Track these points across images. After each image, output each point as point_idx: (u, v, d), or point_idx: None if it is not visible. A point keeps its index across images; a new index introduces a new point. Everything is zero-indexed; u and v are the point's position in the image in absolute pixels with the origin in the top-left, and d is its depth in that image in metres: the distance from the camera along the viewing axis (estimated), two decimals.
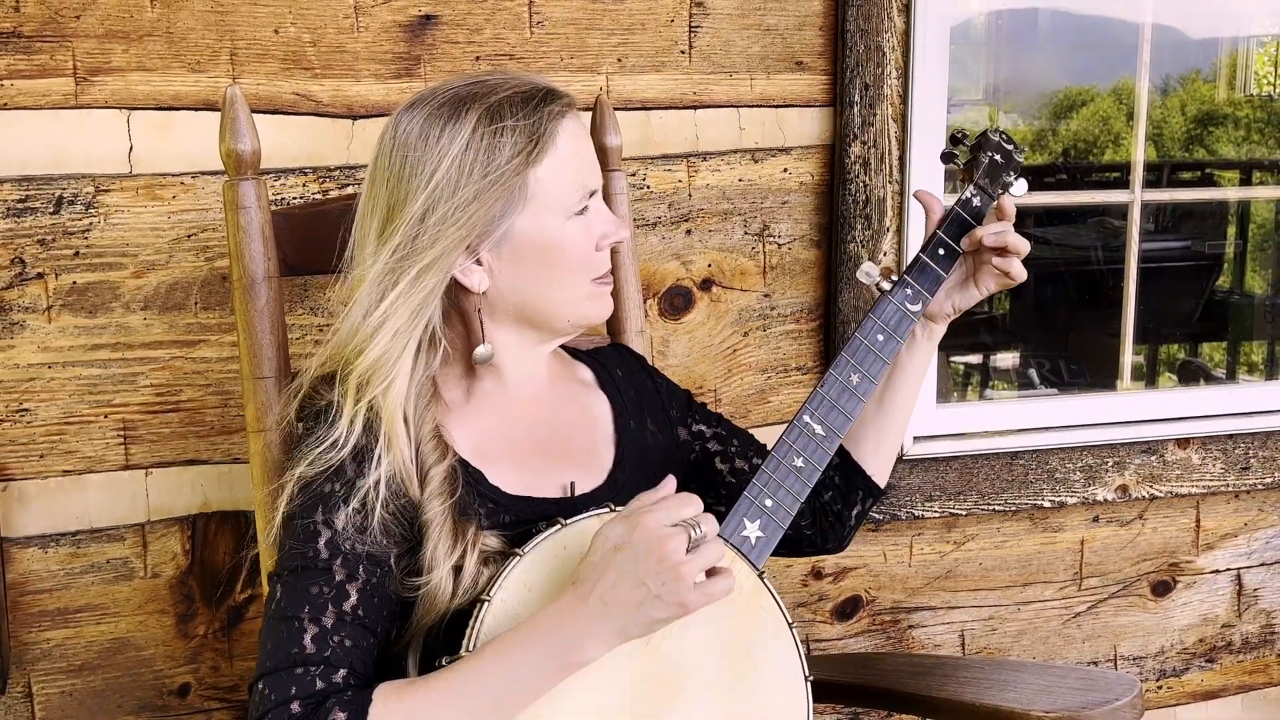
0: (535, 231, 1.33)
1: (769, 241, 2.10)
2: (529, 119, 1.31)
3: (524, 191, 1.31)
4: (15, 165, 1.75)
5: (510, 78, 1.35)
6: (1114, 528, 2.38)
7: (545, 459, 1.41)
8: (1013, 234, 1.47)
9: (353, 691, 1.20)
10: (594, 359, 1.55)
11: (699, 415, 1.59)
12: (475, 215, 1.30)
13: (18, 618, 1.84)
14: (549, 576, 1.27)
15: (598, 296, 1.39)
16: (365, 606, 1.26)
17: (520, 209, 1.32)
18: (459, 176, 1.29)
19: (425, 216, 1.29)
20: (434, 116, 1.32)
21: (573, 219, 1.34)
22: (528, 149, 1.30)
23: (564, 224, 1.34)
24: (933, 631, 2.32)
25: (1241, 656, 2.52)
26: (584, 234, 1.36)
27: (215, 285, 1.84)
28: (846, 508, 1.59)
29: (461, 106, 1.31)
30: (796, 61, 2.05)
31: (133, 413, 1.84)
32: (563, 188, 1.33)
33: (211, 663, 1.93)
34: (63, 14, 1.73)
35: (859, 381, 1.45)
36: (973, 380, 4.36)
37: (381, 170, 1.33)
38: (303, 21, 1.82)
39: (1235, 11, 4.98)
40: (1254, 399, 2.47)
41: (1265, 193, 4.46)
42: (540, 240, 1.33)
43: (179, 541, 1.89)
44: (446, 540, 1.29)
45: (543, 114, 1.32)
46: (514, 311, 1.37)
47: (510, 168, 1.30)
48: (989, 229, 1.47)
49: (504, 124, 1.30)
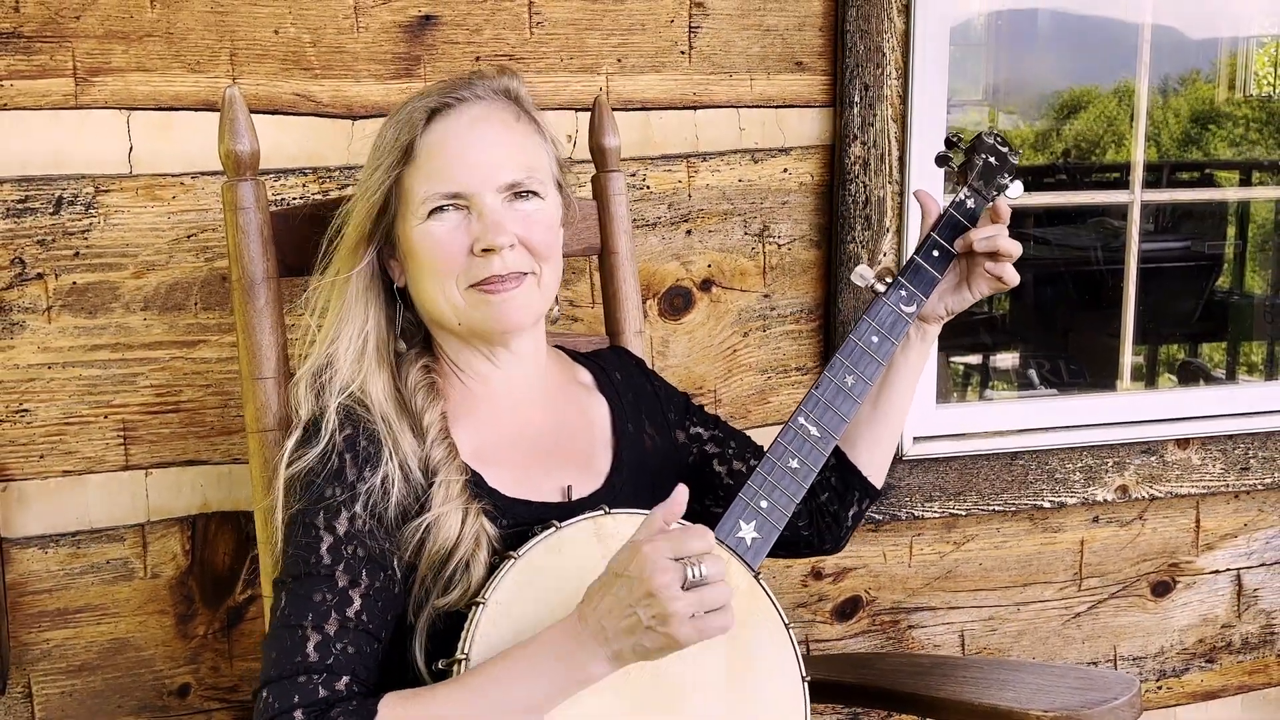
0: (402, 233, 1.38)
1: (769, 242, 2.10)
2: (404, 123, 1.36)
3: (395, 193, 1.37)
4: (15, 165, 1.75)
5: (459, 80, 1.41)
6: (1114, 528, 2.38)
7: (543, 462, 1.41)
8: (1004, 238, 1.46)
9: (357, 701, 1.20)
10: (593, 361, 1.56)
11: (697, 418, 1.59)
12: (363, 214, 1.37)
13: (18, 618, 1.84)
14: (543, 579, 1.28)
15: (482, 304, 1.36)
16: (369, 612, 1.26)
17: (396, 212, 1.38)
18: (363, 178, 1.39)
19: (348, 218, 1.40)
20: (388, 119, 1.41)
21: (430, 221, 1.35)
22: (394, 153, 1.36)
23: (420, 225, 1.35)
24: (932, 632, 2.32)
25: (1241, 657, 2.52)
26: (445, 236, 1.35)
27: (215, 285, 1.84)
28: (843, 509, 1.59)
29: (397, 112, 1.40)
30: (796, 62, 2.05)
31: (133, 413, 1.84)
32: (417, 191, 1.35)
33: (211, 663, 1.93)
34: (63, 14, 1.73)
35: (854, 383, 1.45)
36: (972, 380, 4.36)
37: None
38: (302, 22, 1.82)
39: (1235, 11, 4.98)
40: (1254, 399, 2.47)
41: (1265, 193, 4.46)
42: (406, 242, 1.38)
43: (179, 542, 1.89)
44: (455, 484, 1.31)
45: (413, 118, 1.36)
46: (422, 311, 1.42)
47: (381, 171, 1.37)
48: (980, 233, 1.47)
49: (388, 131, 1.38)
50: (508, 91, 1.40)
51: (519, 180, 1.36)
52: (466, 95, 1.37)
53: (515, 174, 1.36)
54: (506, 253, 1.34)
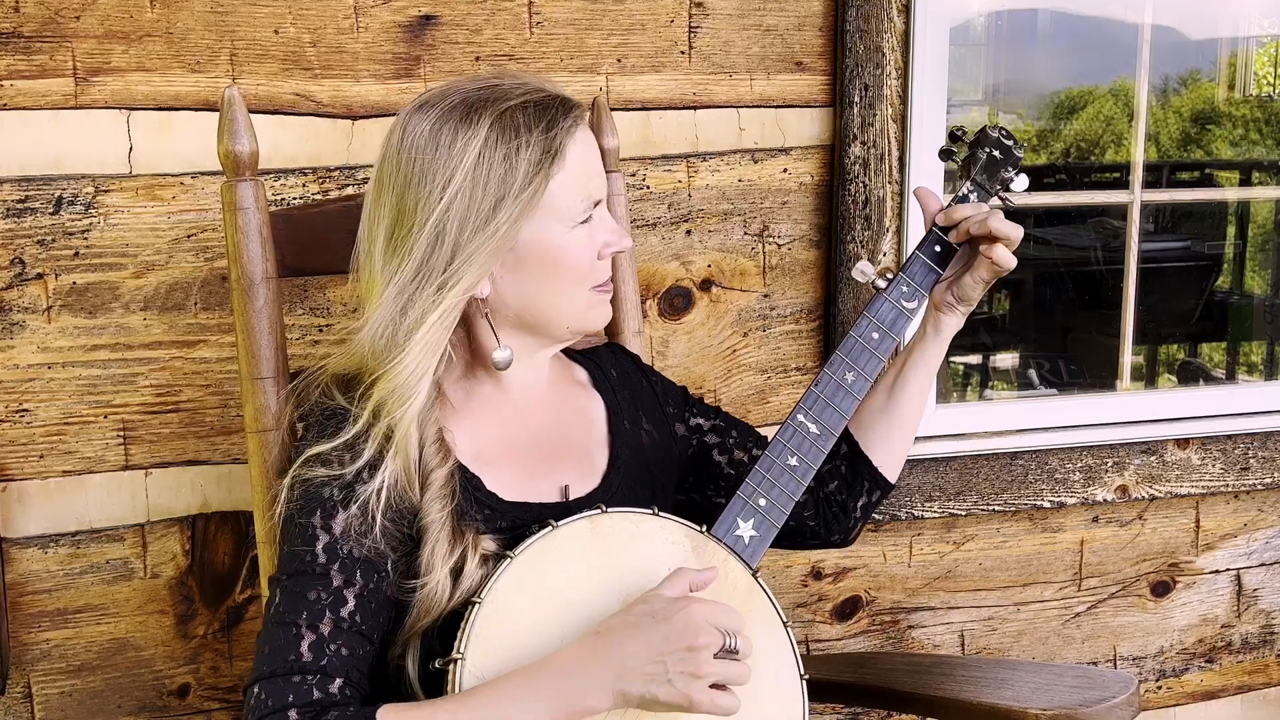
0: (539, 240, 1.33)
1: (769, 242, 2.10)
2: (545, 132, 1.30)
3: (536, 203, 1.31)
4: (15, 165, 1.75)
5: (520, 83, 1.34)
6: (1113, 528, 2.38)
7: (542, 462, 1.41)
8: (996, 219, 1.44)
9: (354, 707, 1.20)
10: (589, 359, 1.55)
11: (696, 409, 1.59)
12: (500, 233, 1.29)
13: (17, 618, 1.84)
14: (539, 579, 1.28)
15: (598, 304, 1.39)
16: (363, 612, 1.26)
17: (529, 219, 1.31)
18: (474, 189, 1.28)
19: (443, 228, 1.28)
20: (443, 121, 1.30)
21: (576, 228, 1.34)
22: (543, 163, 1.30)
23: (567, 233, 1.34)
24: (932, 632, 2.32)
25: (1241, 657, 2.52)
26: (587, 243, 1.35)
27: (215, 285, 1.84)
28: (852, 498, 1.58)
29: (473, 113, 1.30)
30: (796, 62, 2.05)
31: (132, 413, 1.84)
32: (570, 199, 1.33)
33: (211, 663, 1.93)
34: (63, 14, 1.73)
35: (854, 380, 1.45)
36: (972, 380, 4.36)
37: (389, 174, 1.32)
38: (302, 22, 1.82)
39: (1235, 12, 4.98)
40: (1253, 399, 2.47)
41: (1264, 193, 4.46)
42: (544, 249, 1.33)
43: (179, 542, 1.89)
44: (445, 543, 1.29)
45: (558, 127, 1.31)
46: (514, 317, 1.37)
47: (527, 182, 1.29)
48: (972, 217, 1.45)
49: (519, 135, 1.29)
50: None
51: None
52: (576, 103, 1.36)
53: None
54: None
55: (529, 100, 1.31)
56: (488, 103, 1.31)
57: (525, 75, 1.37)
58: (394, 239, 1.31)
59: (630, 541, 1.33)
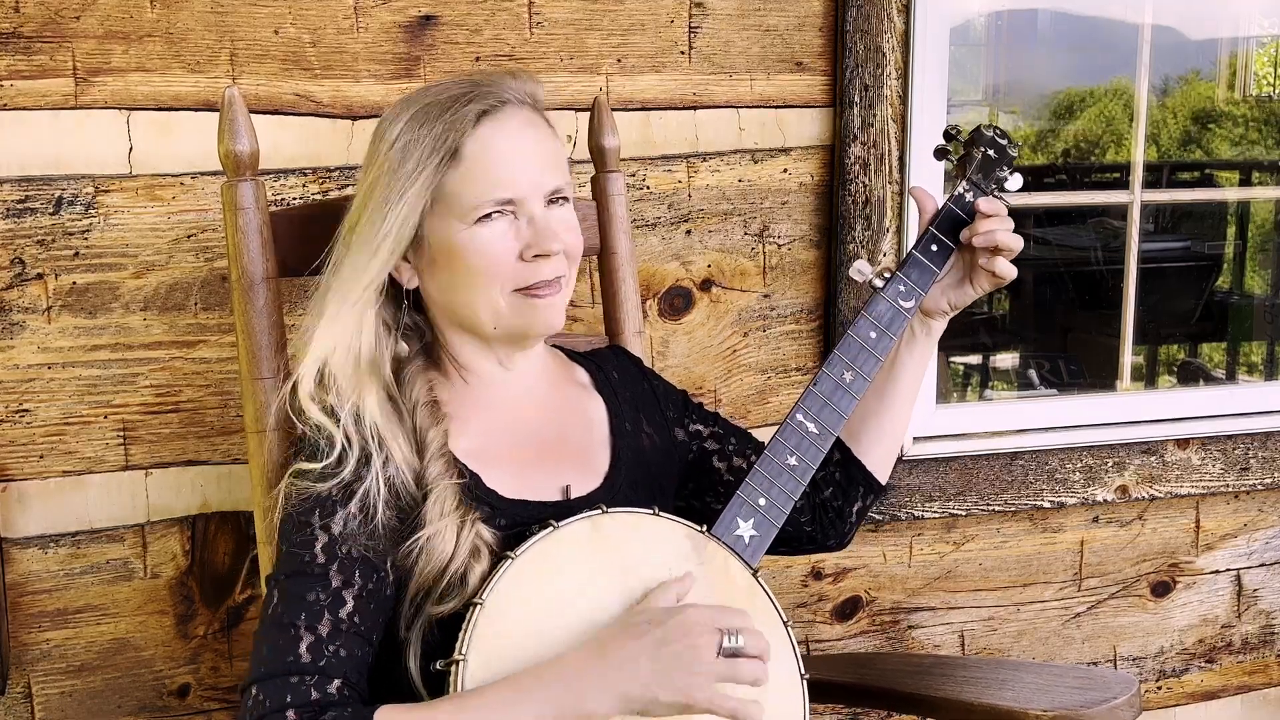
0: (440, 236, 1.34)
1: (769, 242, 2.10)
2: (442, 123, 1.32)
3: (432, 196, 1.33)
4: (15, 165, 1.75)
5: (466, 79, 1.37)
6: (1114, 528, 2.38)
7: (542, 462, 1.41)
8: (1004, 233, 1.45)
9: (353, 708, 1.20)
10: (590, 360, 1.55)
11: (696, 415, 1.59)
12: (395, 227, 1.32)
13: (17, 618, 1.84)
14: (541, 579, 1.28)
15: (525, 309, 1.36)
16: (361, 614, 1.25)
17: (430, 212, 1.33)
18: (381, 179, 1.33)
19: (358, 220, 1.35)
20: (389, 118, 1.36)
21: (478, 226, 1.33)
22: (433, 155, 1.32)
23: (466, 230, 1.33)
24: (932, 632, 2.32)
25: (1241, 657, 2.52)
26: (496, 241, 1.34)
27: (215, 286, 1.84)
28: (847, 503, 1.59)
29: (404, 108, 1.36)
30: (796, 62, 2.05)
31: (132, 413, 1.84)
32: (466, 195, 1.32)
33: (211, 663, 1.93)
34: (63, 14, 1.73)
35: (852, 379, 1.45)
36: (972, 381, 4.36)
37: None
38: (302, 22, 1.82)
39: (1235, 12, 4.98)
40: (1253, 399, 2.47)
41: (1264, 193, 4.46)
42: (445, 246, 1.35)
43: (179, 542, 1.89)
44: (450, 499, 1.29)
45: (457, 118, 1.32)
46: (445, 314, 1.39)
47: (417, 173, 1.32)
48: (981, 226, 1.45)
49: (420, 129, 1.33)
50: (534, 96, 1.39)
51: (560, 186, 1.37)
52: (508, 97, 1.35)
53: (557, 180, 1.37)
54: (555, 258, 1.35)
55: (453, 95, 1.34)
56: (420, 97, 1.36)
57: (496, 72, 1.41)
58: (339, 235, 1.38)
59: (631, 542, 1.33)
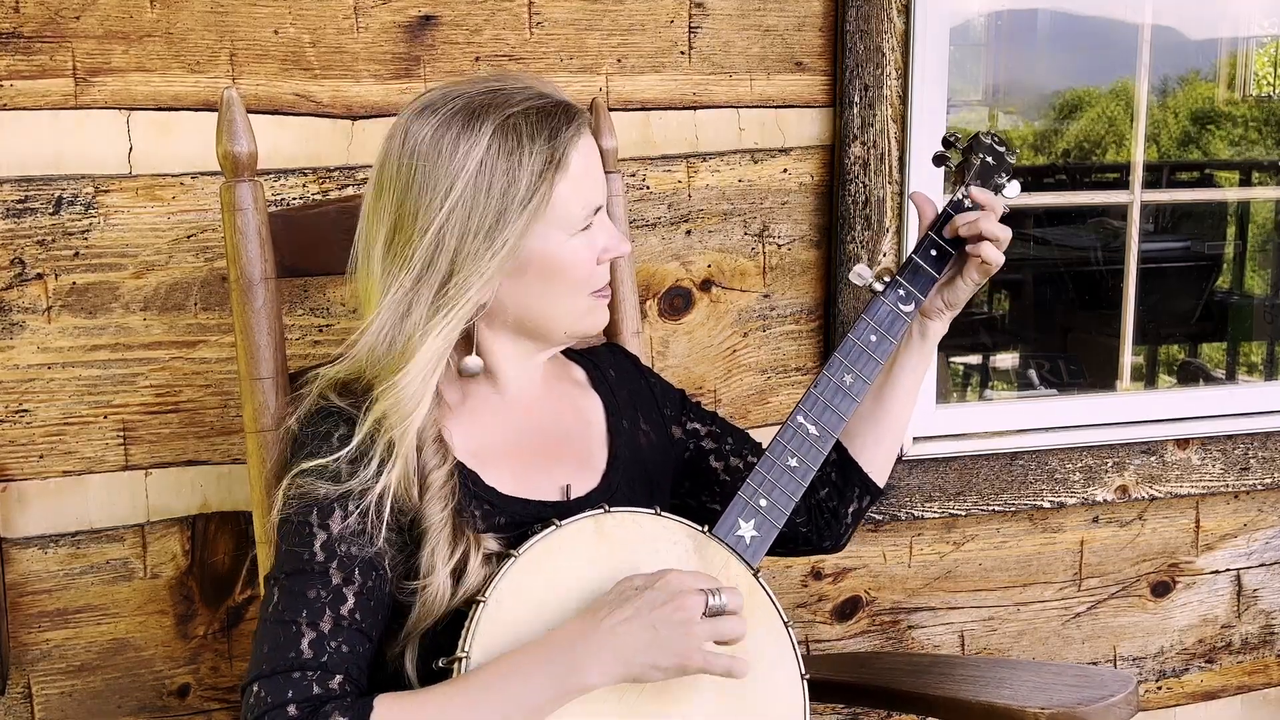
0: (542, 249, 1.32)
1: (769, 242, 2.10)
2: (549, 140, 1.29)
3: (541, 213, 1.30)
4: (15, 165, 1.75)
5: (522, 87, 1.33)
6: (1113, 528, 2.38)
7: (541, 460, 1.41)
8: (987, 221, 1.45)
9: (351, 699, 1.20)
10: (588, 359, 1.55)
11: (693, 414, 1.59)
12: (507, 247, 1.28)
13: (17, 618, 1.84)
14: (543, 577, 1.28)
15: (596, 309, 1.40)
16: (362, 610, 1.26)
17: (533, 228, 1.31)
18: (475, 198, 1.27)
19: (442, 237, 1.27)
20: (445, 127, 1.29)
21: (577, 235, 1.34)
22: (546, 172, 1.29)
23: (568, 240, 1.33)
24: (932, 632, 2.32)
25: (1241, 657, 2.52)
26: (586, 249, 1.35)
27: (215, 286, 1.84)
28: (843, 505, 1.59)
29: (475, 119, 1.29)
30: (796, 62, 2.06)
31: (132, 413, 1.84)
32: (572, 207, 1.32)
33: (211, 663, 1.93)
34: (62, 14, 1.73)
35: (852, 382, 1.46)
36: (972, 381, 4.36)
37: (389, 179, 1.31)
38: (302, 22, 1.82)
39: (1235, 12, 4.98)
40: (1253, 399, 2.47)
41: (1264, 193, 4.47)
42: (546, 258, 1.33)
43: (178, 542, 1.89)
44: (445, 545, 1.29)
45: (561, 135, 1.30)
46: (513, 322, 1.37)
47: (531, 193, 1.28)
48: (962, 218, 1.46)
49: (522, 143, 1.28)
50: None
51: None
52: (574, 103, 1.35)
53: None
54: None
55: (532, 106, 1.30)
56: (490, 108, 1.29)
57: (526, 78, 1.36)
58: (393, 245, 1.30)
59: (633, 541, 1.33)
